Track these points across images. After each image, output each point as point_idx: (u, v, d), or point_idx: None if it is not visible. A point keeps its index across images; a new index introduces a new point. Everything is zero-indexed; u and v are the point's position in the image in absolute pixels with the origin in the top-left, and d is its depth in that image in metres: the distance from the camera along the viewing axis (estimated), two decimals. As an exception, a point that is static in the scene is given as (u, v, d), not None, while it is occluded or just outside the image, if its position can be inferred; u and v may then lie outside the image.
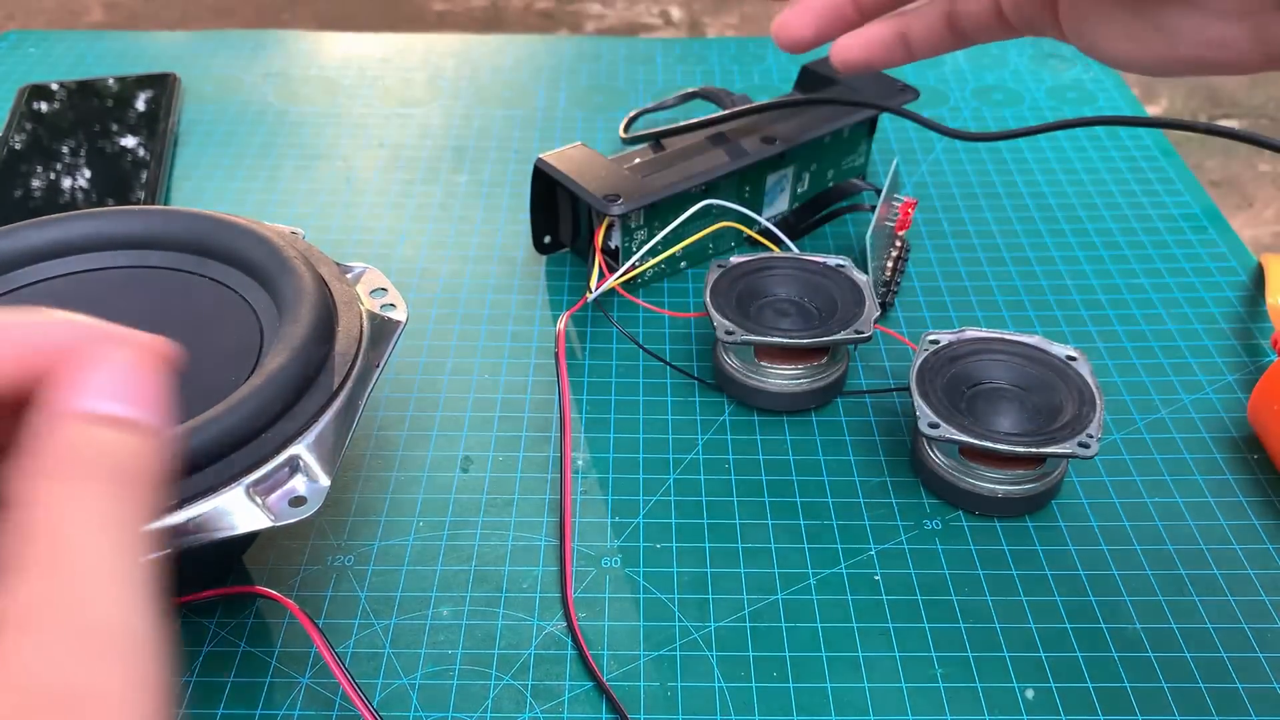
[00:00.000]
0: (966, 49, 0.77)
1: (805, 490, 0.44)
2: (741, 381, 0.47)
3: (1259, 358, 0.51)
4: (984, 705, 0.37)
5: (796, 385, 0.47)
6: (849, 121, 0.57)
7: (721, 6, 2.23)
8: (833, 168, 0.60)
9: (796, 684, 0.37)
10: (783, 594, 0.40)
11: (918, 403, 0.42)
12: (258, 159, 0.66)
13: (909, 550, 0.42)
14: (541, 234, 0.56)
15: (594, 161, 0.53)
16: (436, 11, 2.33)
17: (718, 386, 0.48)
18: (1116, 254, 0.58)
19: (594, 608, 0.40)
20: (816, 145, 0.57)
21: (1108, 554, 0.42)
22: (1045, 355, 0.45)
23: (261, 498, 0.34)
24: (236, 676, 0.37)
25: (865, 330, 0.45)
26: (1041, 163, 0.65)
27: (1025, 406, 0.44)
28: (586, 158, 0.53)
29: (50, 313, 0.21)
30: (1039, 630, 0.39)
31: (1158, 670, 0.38)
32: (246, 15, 2.25)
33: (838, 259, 0.49)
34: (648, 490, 0.44)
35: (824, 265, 0.49)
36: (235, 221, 0.43)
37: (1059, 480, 0.43)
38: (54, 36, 0.79)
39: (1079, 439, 0.40)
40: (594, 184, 0.51)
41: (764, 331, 0.45)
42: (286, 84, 0.74)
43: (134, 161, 0.63)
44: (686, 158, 0.54)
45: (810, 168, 0.59)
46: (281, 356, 0.36)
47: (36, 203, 0.60)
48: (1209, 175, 1.82)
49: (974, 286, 0.55)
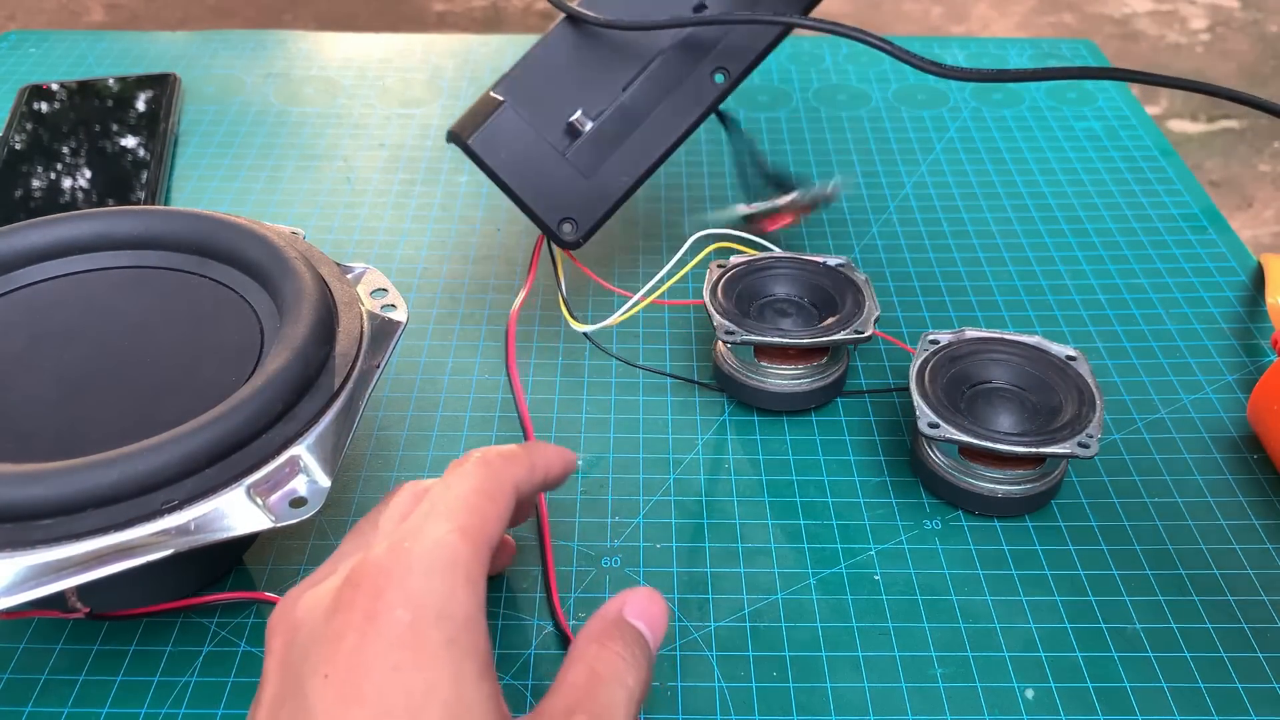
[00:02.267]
0: (966, 49, 0.77)
1: (805, 490, 0.44)
2: (742, 381, 0.47)
3: (1259, 358, 0.51)
4: (984, 705, 0.37)
5: (797, 385, 0.47)
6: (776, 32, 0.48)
7: (721, 6, 2.23)
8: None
9: (796, 684, 0.37)
10: (782, 594, 0.40)
11: (917, 403, 0.42)
12: (258, 159, 0.66)
13: (909, 550, 0.42)
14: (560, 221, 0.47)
15: (530, 149, 0.45)
16: (436, 12, 2.33)
17: (718, 387, 0.48)
18: (1116, 254, 0.58)
19: (594, 608, 0.40)
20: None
21: (1108, 554, 0.42)
22: (1045, 355, 0.45)
23: (262, 498, 0.34)
24: (237, 676, 0.37)
25: (865, 330, 0.45)
26: (1041, 163, 0.65)
27: (1025, 406, 0.44)
28: (521, 143, 0.46)
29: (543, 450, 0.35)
30: (1039, 630, 0.39)
31: (1158, 670, 0.38)
32: (247, 15, 2.24)
33: (837, 259, 0.49)
34: (648, 490, 0.44)
35: (824, 265, 0.49)
36: (236, 222, 0.43)
37: (1059, 480, 0.43)
38: (54, 36, 0.79)
39: (1079, 439, 0.40)
40: (541, 200, 0.45)
41: (764, 331, 0.45)
42: (287, 84, 0.74)
43: (134, 161, 0.63)
44: (632, 116, 0.46)
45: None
46: (282, 357, 0.36)
47: (36, 203, 0.60)
48: (1209, 175, 1.82)
49: (974, 286, 0.55)
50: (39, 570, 0.32)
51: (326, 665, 0.26)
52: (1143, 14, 2.33)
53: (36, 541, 0.32)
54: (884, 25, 2.30)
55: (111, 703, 0.37)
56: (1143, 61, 2.16)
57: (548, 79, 0.47)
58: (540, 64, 0.47)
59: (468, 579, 0.28)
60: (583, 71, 0.47)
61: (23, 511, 0.32)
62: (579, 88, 0.47)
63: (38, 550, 0.32)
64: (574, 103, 0.47)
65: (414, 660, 0.26)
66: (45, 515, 0.32)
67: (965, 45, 0.79)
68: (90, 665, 0.38)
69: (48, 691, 0.37)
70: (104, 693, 0.37)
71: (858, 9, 2.35)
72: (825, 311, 0.48)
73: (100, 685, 0.37)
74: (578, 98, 0.47)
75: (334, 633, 0.26)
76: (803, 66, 0.76)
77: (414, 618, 0.26)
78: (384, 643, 0.26)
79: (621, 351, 0.51)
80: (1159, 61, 2.16)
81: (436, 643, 0.26)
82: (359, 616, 0.26)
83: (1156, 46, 2.22)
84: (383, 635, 0.26)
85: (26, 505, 0.32)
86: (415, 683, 0.25)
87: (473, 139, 0.46)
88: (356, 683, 0.25)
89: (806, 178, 0.63)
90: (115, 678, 0.37)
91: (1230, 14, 2.33)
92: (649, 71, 0.47)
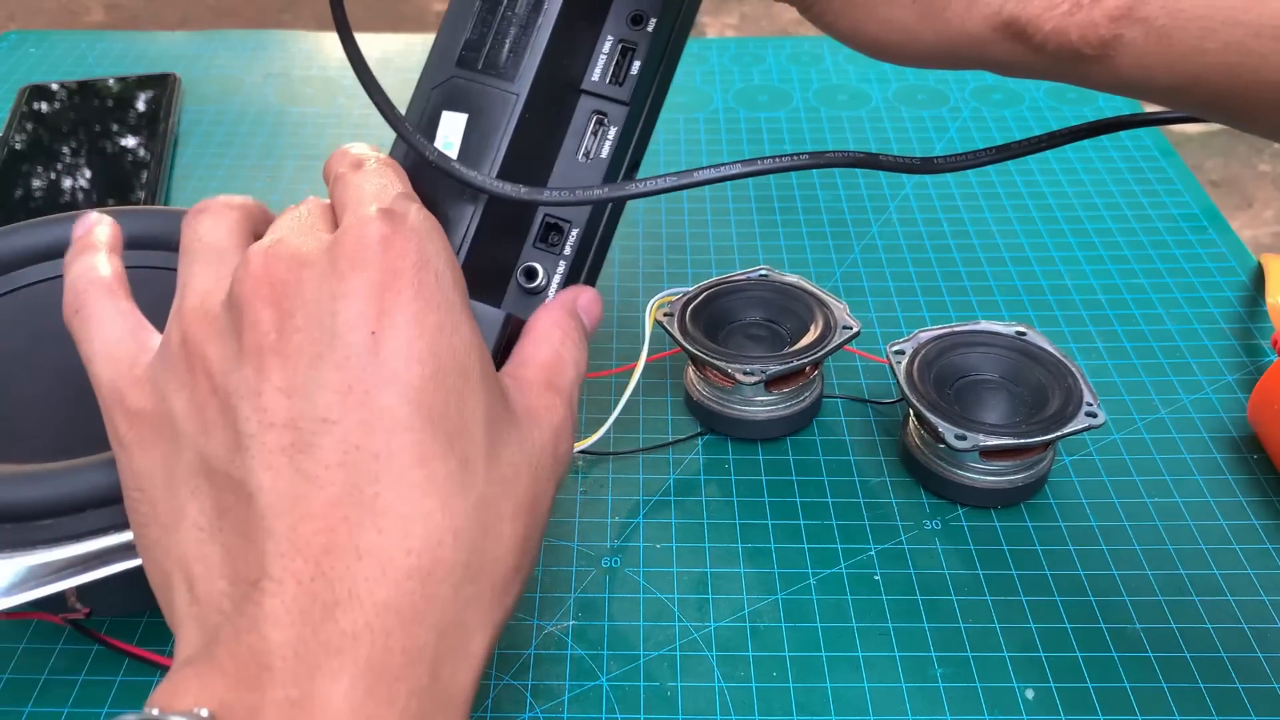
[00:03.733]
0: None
1: (805, 490, 0.44)
2: (720, 413, 0.46)
3: (1259, 358, 0.51)
4: (984, 705, 0.37)
5: (788, 408, 0.46)
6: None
7: (721, 6, 2.23)
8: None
9: (796, 684, 0.37)
10: (782, 594, 0.40)
11: (934, 420, 0.41)
12: (258, 159, 0.66)
13: (908, 550, 0.42)
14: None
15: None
16: (436, 12, 2.34)
17: (707, 425, 0.47)
18: (1116, 254, 0.58)
19: (594, 607, 0.40)
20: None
21: (1108, 554, 0.42)
22: (1000, 336, 0.45)
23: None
24: (237, 676, 0.37)
25: (854, 326, 0.45)
26: (1041, 162, 0.65)
27: (1008, 392, 0.44)
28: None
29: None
30: (1039, 630, 0.39)
31: (1158, 670, 0.38)
32: (247, 16, 2.25)
33: (794, 276, 0.48)
34: (648, 490, 0.44)
35: (781, 283, 0.48)
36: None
37: (1050, 465, 0.43)
38: (54, 36, 0.79)
39: (1084, 410, 0.41)
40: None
41: (741, 359, 0.44)
42: (287, 84, 0.74)
43: (134, 161, 0.63)
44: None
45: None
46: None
47: (36, 203, 0.60)
48: (1209, 175, 1.82)
49: (974, 286, 0.55)
50: (39, 571, 0.32)
51: (366, 323, 0.26)
52: (1143, 14, 2.33)
53: (37, 542, 0.32)
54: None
55: (111, 703, 0.37)
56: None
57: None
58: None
59: (443, 236, 0.29)
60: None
61: (23, 512, 0.32)
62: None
63: (38, 551, 0.32)
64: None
65: (452, 322, 0.27)
66: (46, 516, 0.32)
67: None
68: (90, 665, 0.38)
69: (48, 691, 0.37)
70: (104, 693, 0.37)
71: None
72: (791, 326, 0.47)
73: (100, 685, 0.37)
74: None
75: (359, 292, 0.27)
76: (803, 67, 0.76)
77: (437, 279, 0.28)
78: (422, 304, 0.27)
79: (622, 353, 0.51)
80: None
81: (459, 303, 0.28)
82: (387, 276, 0.27)
83: (1156, 47, 2.21)
84: (420, 297, 0.27)
85: (27, 506, 0.32)
86: (457, 343, 0.27)
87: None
88: (409, 340, 0.26)
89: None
90: (115, 678, 0.37)
91: (1230, 14, 2.33)
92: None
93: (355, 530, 0.25)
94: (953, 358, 0.45)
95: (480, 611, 0.26)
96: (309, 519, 0.25)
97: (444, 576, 0.25)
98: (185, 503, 0.27)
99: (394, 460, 0.26)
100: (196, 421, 0.27)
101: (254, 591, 0.24)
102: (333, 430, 0.25)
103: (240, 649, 0.24)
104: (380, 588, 0.24)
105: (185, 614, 0.26)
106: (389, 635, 0.24)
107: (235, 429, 0.26)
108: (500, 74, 0.33)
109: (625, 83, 0.35)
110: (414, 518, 0.25)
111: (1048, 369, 0.44)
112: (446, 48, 0.34)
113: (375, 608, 0.24)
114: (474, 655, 0.26)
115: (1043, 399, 0.43)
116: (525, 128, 0.33)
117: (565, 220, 0.34)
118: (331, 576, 0.24)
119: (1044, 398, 0.43)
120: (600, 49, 0.35)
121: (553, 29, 0.33)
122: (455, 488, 0.26)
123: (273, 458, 0.25)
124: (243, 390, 0.26)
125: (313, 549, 0.24)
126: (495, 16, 0.33)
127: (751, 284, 0.48)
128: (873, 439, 0.47)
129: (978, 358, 0.45)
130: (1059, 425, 0.41)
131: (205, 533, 0.26)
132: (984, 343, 0.45)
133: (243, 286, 0.27)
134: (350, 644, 0.24)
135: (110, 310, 0.31)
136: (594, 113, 0.35)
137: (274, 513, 0.25)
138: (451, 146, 0.33)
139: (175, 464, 0.27)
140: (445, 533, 0.26)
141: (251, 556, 0.25)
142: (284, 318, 0.27)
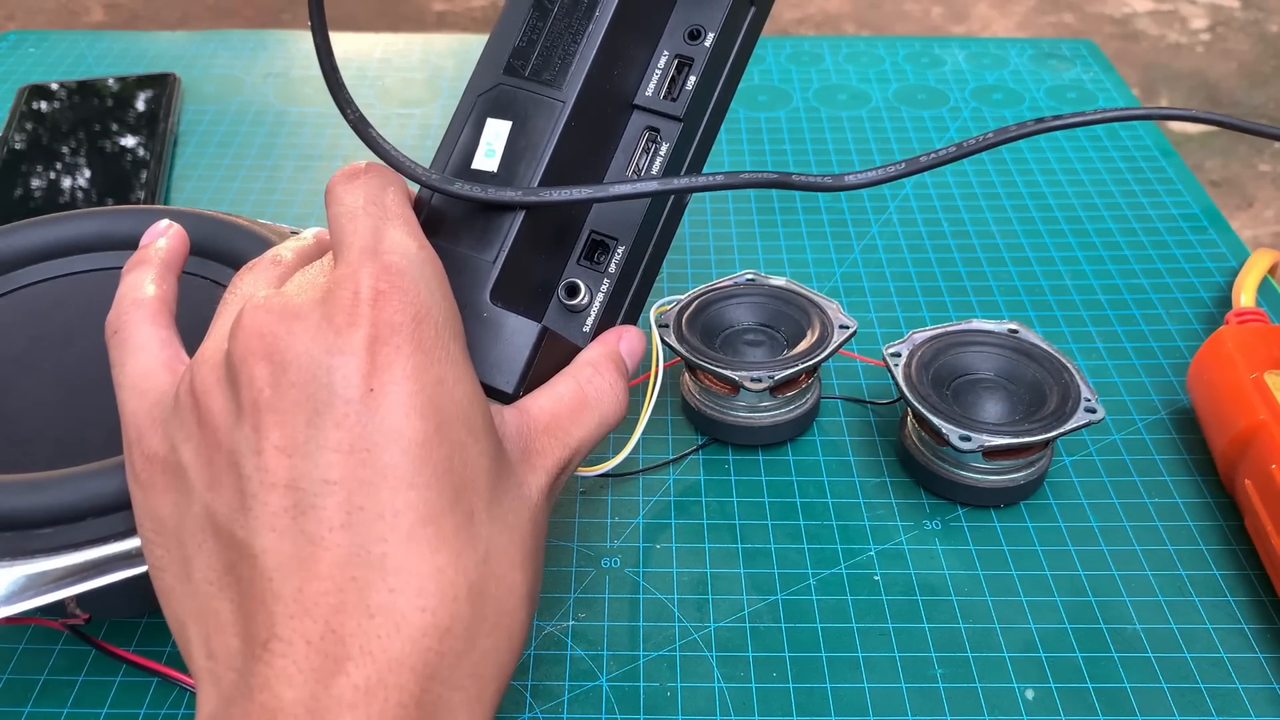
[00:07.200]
0: (967, 49, 0.77)
1: (804, 490, 0.44)
2: (720, 420, 0.46)
3: (1259, 358, 0.51)
4: (984, 705, 0.37)
5: (791, 413, 0.46)
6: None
7: (721, 6, 2.22)
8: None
9: (796, 684, 0.37)
10: (782, 594, 0.40)
11: (938, 423, 0.41)
12: (258, 159, 0.66)
13: (908, 550, 0.42)
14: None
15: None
16: (436, 11, 2.33)
17: (708, 441, 0.47)
18: (1116, 254, 0.58)
19: (594, 608, 0.40)
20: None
21: (1108, 554, 0.42)
22: (993, 335, 0.45)
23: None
24: (236, 677, 0.37)
25: (850, 324, 0.45)
26: (1041, 162, 0.65)
27: (1004, 389, 0.44)
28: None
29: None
30: (1039, 630, 0.39)
31: (1157, 670, 0.38)
32: (247, 15, 2.25)
33: (783, 279, 0.48)
34: (648, 490, 0.44)
35: (771, 286, 0.48)
36: (235, 222, 0.43)
37: (1048, 464, 0.43)
38: (54, 36, 0.79)
39: (1083, 406, 0.41)
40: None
41: (745, 366, 0.44)
42: (287, 84, 0.74)
43: (134, 161, 0.63)
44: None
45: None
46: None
47: (36, 203, 0.60)
48: (1209, 175, 1.82)
49: (974, 286, 0.55)
50: (39, 579, 0.32)
51: (364, 379, 0.26)
52: (1143, 14, 2.33)
53: (36, 551, 0.32)
54: (884, 25, 2.30)
55: (111, 703, 0.37)
56: (1143, 61, 2.16)
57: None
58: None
59: (441, 279, 0.28)
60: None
61: (23, 520, 0.32)
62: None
63: (37, 559, 0.32)
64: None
65: (453, 374, 0.27)
66: (45, 524, 0.32)
67: (965, 45, 0.79)
68: (90, 666, 0.38)
69: (47, 692, 0.37)
70: (104, 693, 0.37)
71: (857, 9, 2.36)
72: (787, 329, 0.47)
73: (100, 685, 0.37)
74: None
75: (354, 348, 0.26)
76: (803, 67, 0.76)
77: (437, 332, 0.27)
78: (422, 358, 0.26)
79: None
80: (1159, 61, 2.16)
81: (460, 353, 0.28)
82: (384, 332, 0.26)
83: (1157, 46, 2.22)
84: (420, 351, 0.26)
85: (27, 514, 0.32)
86: (459, 395, 0.27)
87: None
88: (410, 395, 0.26)
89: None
90: (115, 678, 0.37)
91: (1230, 14, 2.33)
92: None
93: (365, 590, 0.25)
94: (949, 358, 0.45)
95: (496, 664, 0.26)
96: (316, 580, 0.25)
97: (461, 632, 0.25)
98: (193, 554, 0.27)
99: (400, 519, 0.25)
100: (206, 475, 0.27)
101: (264, 652, 0.24)
102: (335, 491, 0.25)
103: (254, 707, 0.24)
104: (394, 644, 0.24)
105: (203, 669, 0.26)
106: (403, 690, 0.24)
107: (239, 488, 0.26)
108: (547, 82, 0.32)
109: (680, 98, 0.34)
110: (426, 574, 0.25)
111: (1043, 366, 0.44)
112: (495, 54, 0.33)
113: (389, 663, 0.24)
114: (488, 704, 0.26)
115: (1040, 396, 0.43)
116: (570, 137, 0.32)
117: (611, 238, 0.34)
118: (343, 634, 0.24)
119: (1041, 395, 0.43)
120: (655, 64, 0.34)
121: (603, 38, 0.32)
122: (465, 542, 0.26)
123: (275, 519, 0.25)
124: (244, 448, 0.26)
125: (322, 609, 0.24)
126: (545, 24, 0.33)
127: (740, 289, 0.48)
128: (872, 439, 0.47)
129: (973, 357, 0.45)
130: (1060, 423, 0.41)
131: (215, 587, 0.26)
132: (978, 341, 0.45)
133: (236, 342, 0.27)
134: (363, 699, 0.24)
135: (148, 337, 0.30)
136: (646, 129, 0.34)
137: (280, 575, 0.25)
138: (495, 154, 0.32)
139: (185, 514, 0.27)
140: (459, 588, 0.25)
141: (260, 616, 0.25)
142: (278, 373, 0.26)
